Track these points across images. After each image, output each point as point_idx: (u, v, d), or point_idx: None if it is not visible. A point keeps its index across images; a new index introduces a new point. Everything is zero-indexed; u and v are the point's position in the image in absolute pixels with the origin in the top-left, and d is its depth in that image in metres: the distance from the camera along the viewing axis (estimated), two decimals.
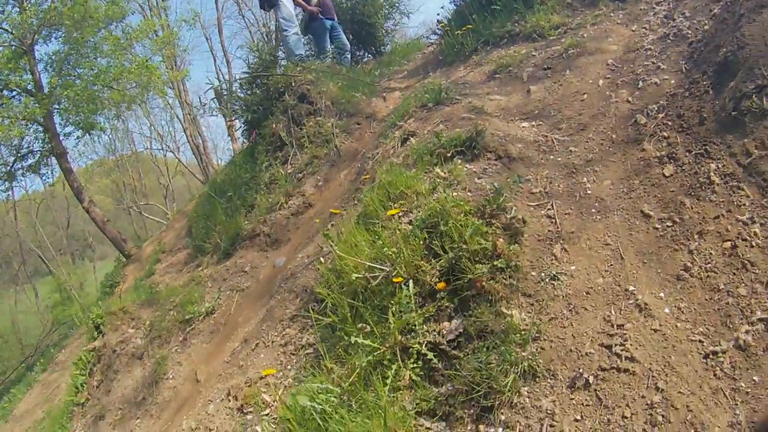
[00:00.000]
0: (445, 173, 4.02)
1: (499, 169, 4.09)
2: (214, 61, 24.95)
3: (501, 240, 3.24)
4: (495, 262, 3.14)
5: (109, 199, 34.70)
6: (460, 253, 3.17)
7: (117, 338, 6.40)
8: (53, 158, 13.18)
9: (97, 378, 6.28)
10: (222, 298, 5.88)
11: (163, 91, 17.10)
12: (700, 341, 2.65)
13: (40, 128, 12.53)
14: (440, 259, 3.25)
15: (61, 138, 12.85)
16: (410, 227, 3.56)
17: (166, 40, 15.88)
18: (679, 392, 2.43)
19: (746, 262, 2.90)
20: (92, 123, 13.34)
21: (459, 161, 4.17)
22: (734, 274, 2.89)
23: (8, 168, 12.94)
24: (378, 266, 3.41)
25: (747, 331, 2.60)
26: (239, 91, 8.87)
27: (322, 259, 4.61)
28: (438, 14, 12.36)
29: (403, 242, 3.38)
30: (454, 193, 3.66)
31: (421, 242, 3.35)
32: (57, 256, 32.31)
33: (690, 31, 4.72)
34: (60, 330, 19.25)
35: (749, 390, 2.40)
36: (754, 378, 2.44)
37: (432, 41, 10.66)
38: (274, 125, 7.68)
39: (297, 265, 5.07)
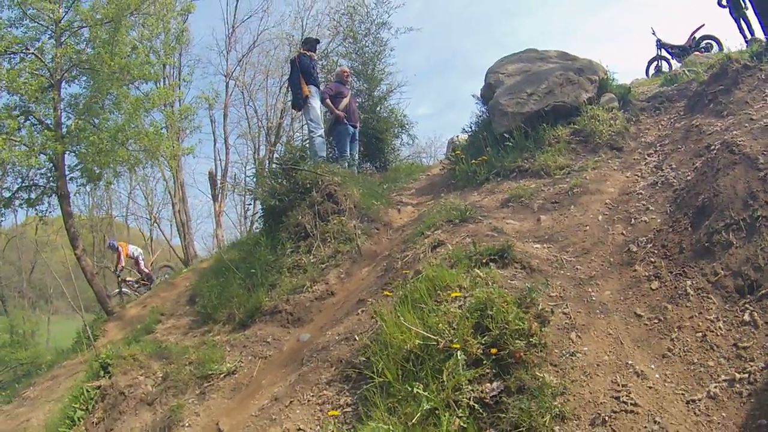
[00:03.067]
0: (483, 274, 5.24)
1: (524, 276, 5.40)
2: (214, 143, 26.25)
3: (534, 324, 4.47)
4: (530, 339, 4.35)
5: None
6: (504, 331, 4.36)
7: (126, 381, 6.85)
8: (53, 198, 13.22)
9: (97, 415, 6.64)
10: (243, 362, 6.59)
11: (170, 163, 17.32)
12: (682, 393, 3.94)
13: (49, 165, 12.72)
14: (485, 336, 4.41)
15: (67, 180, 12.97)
16: (460, 311, 4.73)
17: (184, 114, 16.42)
18: (671, 423, 3.65)
19: (713, 345, 4.24)
20: (99, 175, 13.51)
21: (493, 266, 5.44)
22: (704, 353, 4.22)
23: (10, 194, 12.95)
24: (434, 336, 4.55)
25: (715, 387, 3.91)
26: (268, 179, 9.90)
27: (357, 336, 5.56)
28: (453, 139, 13.91)
29: (458, 320, 4.57)
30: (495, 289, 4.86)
31: (471, 322, 4.51)
32: (15, 297, 31.98)
33: (675, 180, 6.31)
34: (7, 371, 19.15)
35: (720, 422, 3.66)
36: (722, 414, 3.71)
37: (440, 165, 12.18)
38: (300, 216, 8.78)
39: (328, 341, 5.90)
